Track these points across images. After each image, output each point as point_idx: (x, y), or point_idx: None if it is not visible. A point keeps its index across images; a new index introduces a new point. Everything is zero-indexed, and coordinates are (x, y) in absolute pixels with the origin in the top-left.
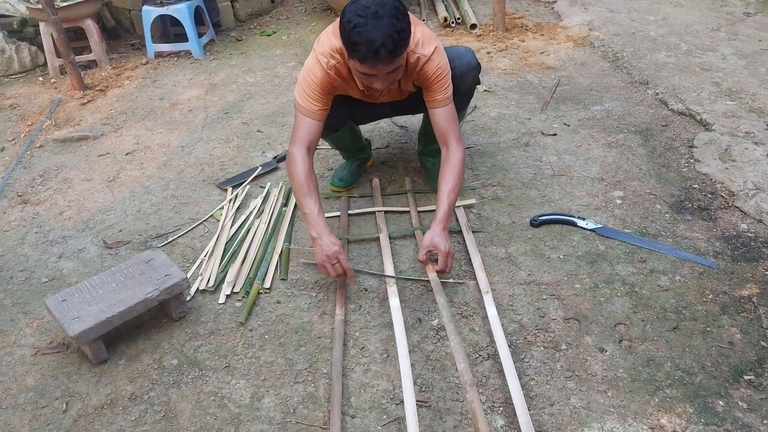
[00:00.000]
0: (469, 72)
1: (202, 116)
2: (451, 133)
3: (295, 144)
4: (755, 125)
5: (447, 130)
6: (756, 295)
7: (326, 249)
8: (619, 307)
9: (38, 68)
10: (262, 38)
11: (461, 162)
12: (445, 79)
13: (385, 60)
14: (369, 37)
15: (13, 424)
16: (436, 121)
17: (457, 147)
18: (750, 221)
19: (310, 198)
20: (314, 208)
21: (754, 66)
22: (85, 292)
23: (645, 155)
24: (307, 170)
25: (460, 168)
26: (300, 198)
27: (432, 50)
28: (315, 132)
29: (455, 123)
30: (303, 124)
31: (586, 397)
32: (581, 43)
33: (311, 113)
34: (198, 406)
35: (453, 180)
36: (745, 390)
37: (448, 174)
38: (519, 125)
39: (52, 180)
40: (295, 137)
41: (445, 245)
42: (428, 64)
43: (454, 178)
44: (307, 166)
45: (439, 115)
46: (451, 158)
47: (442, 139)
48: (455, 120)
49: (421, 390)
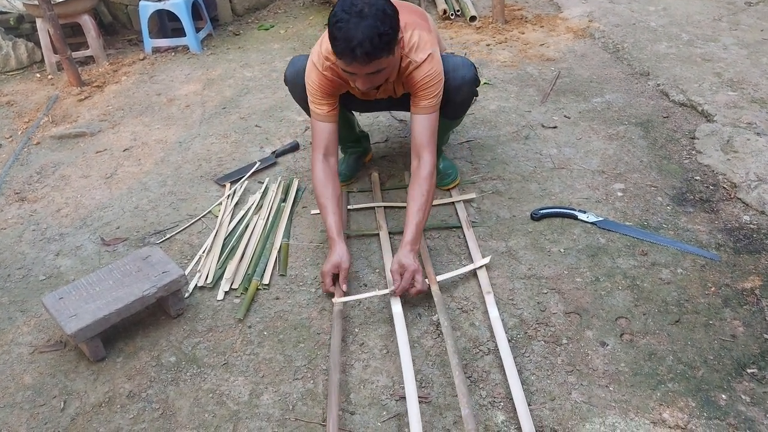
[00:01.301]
0: (462, 86)
1: (200, 112)
2: (426, 145)
3: (314, 152)
4: (757, 116)
5: (422, 140)
6: (759, 288)
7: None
8: (620, 300)
9: (35, 65)
10: (260, 32)
11: (431, 176)
12: (433, 88)
13: (361, 60)
14: (348, 35)
15: (10, 422)
16: (414, 128)
17: (429, 160)
18: (752, 213)
19: (327, 210)
20: (330, 221)
21: (756, 56)
22: (82, 289)
23: (646, 147)
24: (324, 176)
25: (431, 183)
26: (318, 206)
27: (424, 57)
28: (329, 134)
29: (433, 135)
30: (316, 130)
31: (587, 391)
32: (581, 34)
33: (320, 116)
34: (196, 403)
35: (421, 198)
36: (748, 383)
37: (416, 191)
38: (519, 118)
39: (49, 177)
40: (313, 144)
41: (412, 264)
42: (417, 71)
43: (422, 195)
44: (323, 172)
45: (419, 122)
46: (421, 172)
47: (416, 148)
48: (434, 132)
49: (421, 386)
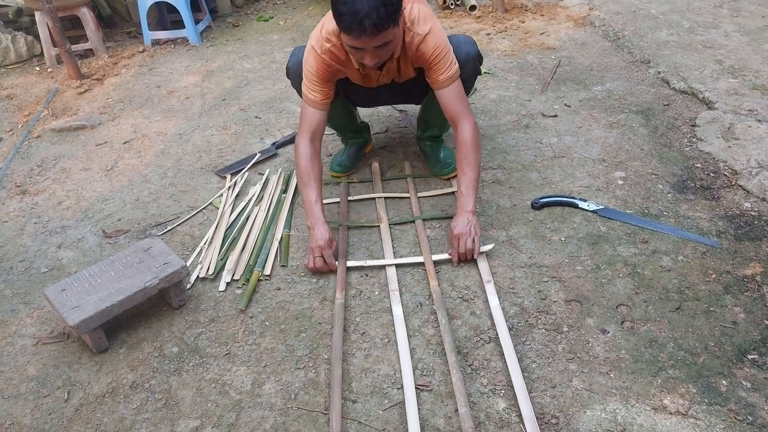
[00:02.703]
0: (467, 62)
1: (200, 103)
2: (459, 113)
3: (300, 134)
4: (759, 102)
5: (454, 111)
6: (760, 274)
7: (314, 241)
8: (621, 288)
9: (35, 58)
10: (259, 24)
11: (473, 138)
12: (446, 59)
13: (370, 32)
14: (354, 9)
15: (15, 413)
16: (443, 104)
17: (467, 124)
18: (753, 200)
19: (309, 188)
20: (312, 198)
21: (757, 42)
22: (84, 281)
23: (647, 135)
24: (309, 160)
25: (473, 144)
26: (300, 188)
27: (427, 29)
28: (317, 121)
29: (462, 100)
30: (305, 114)
31: (588, 378)
32: (581, 22)
33: (312, 102)
34: (199, 393)
35: (464, 161)
36: (749, 369)
37: (461, 157)
38: (519, 107)
39: (50, 170)
40: (300, 127)
41: (464, 230)
42: (424, 44)
43: (464, 158)
44: (309, 155)
45: (444, 96)
46: (460, 138)
47: (452, 120)
48: (462, 97)
49: (423, 374)
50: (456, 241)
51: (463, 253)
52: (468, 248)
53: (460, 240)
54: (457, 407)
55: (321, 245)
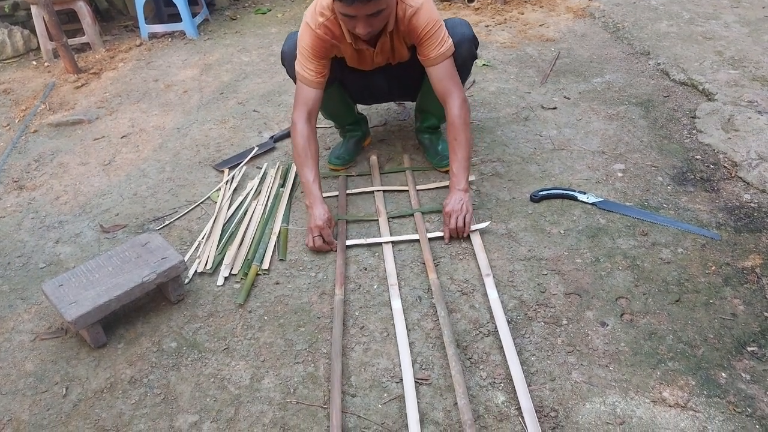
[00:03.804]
0: (463, 43)
1: (197, 97)
2: (448, 90)
3: (296, 113)
4: (759, 94)
5: (444, 87)
6: (759, 266)
7: (312, 221)
8: (620, 280)
9: (31, 52)
10: (257, 16)
11: (462, 115)
12: (437, 34)
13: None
14: None
15: (13, 409)
16: (433, 82)
17: (456, 100)
18: (753, 191)
19: (307, 167)
20: (310, 177)
21: (757, 33)
22: (81, 276)
23: (646, 127)
24: (306, 139)
25: (462, 122)
26: (298, 168)
27: (420, 2)
28: (312, 99)
29: (452, 78)
30: (300, 92)
31: (587, 371)
32: (581, 14)
33: (306, 80)
34: (198, 388)
35: (454, 141)
36: (748, 361)
37: (451, 138)
38: (518, 99)
39: (47, 165)
40: (295, 106)
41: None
42: (416, 18)
43: (456, 138)
44: (306, 134)
45: (435, 74)
46: (450, 116)
47: (442, 98)
48: (452, 76)
49: (422, 368)
50: (447, 218)
51: (454, 229)
52: (459, 225)
53: (451, 217)
54: (456, 400)
55: (320, 225)
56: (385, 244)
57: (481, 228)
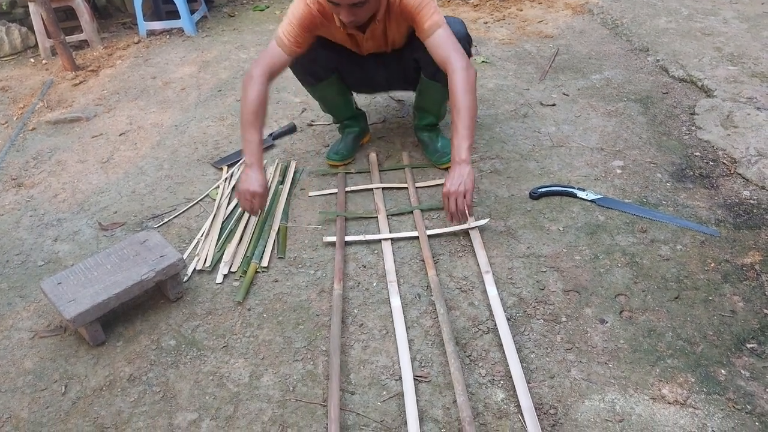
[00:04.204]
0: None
1: (196, 94)
2: (447, 56)
3: (257, 65)
4: (758, 90)
5: (443, 55)
6: (758, 263)
7: (249, 184)
8: (619, 277)
9: (29, 50)
10: (255, 13)
11: (464, 80)
12: (429, 6)
13: None
14: None
15: (12, 407)
16: (432, 52)
17: (457, 65)
18: (752, 188)
19: (254, 128)
20: (254, 138)
21: (756, 30)
22: (80, 274)
23: (645, 123)
24: (260, 98)
25: (465, 88)
26: (244, 125)
27: None
28: (279, 62)
29: (450, 44)
30: (270, 51)
31: (586, 368)
32: (580, 10)
33: (281, 43)
34: (197, 385)
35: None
36: (748, 358)
37: (452, 105)
38: (517, 96)
39: (45, 162)
40: (260, 59)
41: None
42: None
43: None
44: (258, 95)
45: (432, 43)
46: (451, 84)
47: (443, 67)
48: (450, 41)
49: (421, 365)
50: (446, 201)
51: (455, 212)
52: (460, 209)
53: (450, 200)
54: (455, 398)
55: (259, 192)
56: (384, 241)
57: (480, 225)
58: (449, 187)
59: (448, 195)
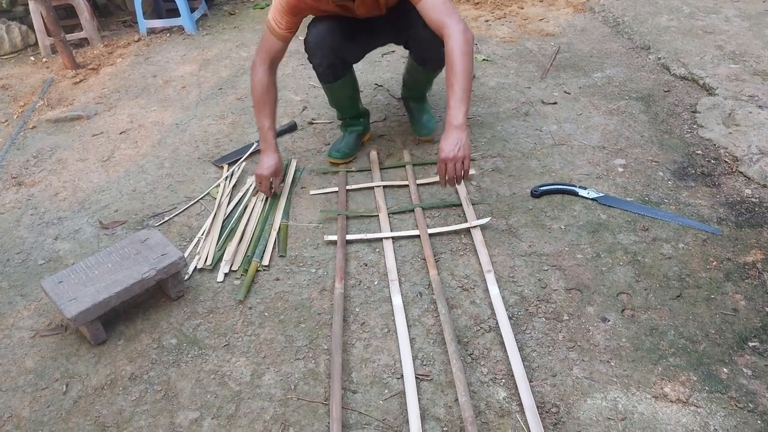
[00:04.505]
0: None
1: (196, 93)
2: (443, 21)
3: (258, 59)
4: (759, 88)
5: (438, 19)
6: (760, 261)
7: (259, 168)
8: (621, 276)
9: (29, 48)
10: (255, 11)
11: (460, 43)
12: None
13: None
14: None
15: (13, 406)
16: (427, 17)
17: (453, 29)
18: (754, 186)
19: (264, 114)
20: (266, 123)
21: (758, 27)
22: (81, 273)
23: (647, 122)
24: (266, 86)
25: (461, 50)
26: (255, 112)
27: None
28: (276, 50)
29: (445, 7)
30: (267, 41)
31: (588, 367)
32: (581, 8)
33: (275, 32)
34: (198, 384)
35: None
36: (750, 357)
37: (448, 69)
38: (518, 94)
39: (46, 161)
40: (259, 53)
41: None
42: None
43: (452, 68)
44: (265, 83)
45: (425, 6)
46: (447, 48)
47: (438, 32)
48: (445, 5)
49: (423, 364)
50: (443, 166)
51: (452, 179)
52: (457, 174)
53: (447, 165)
54: (457, 396)
55: (265, 175)
56: (386, 239)
57: (481, 224)
58: (447, 152)
59: (446, 161)
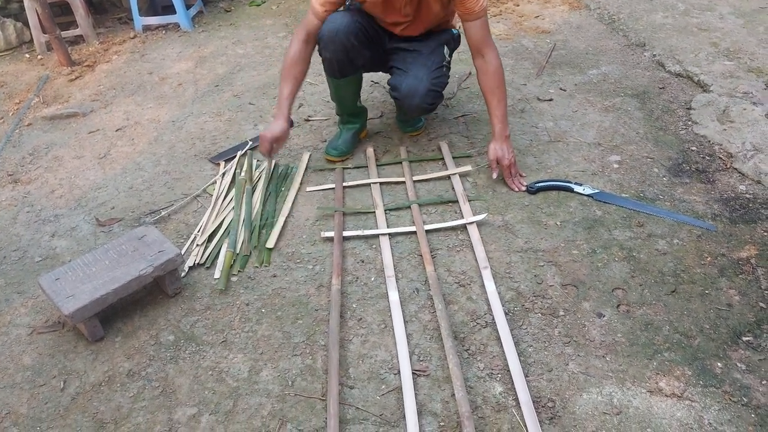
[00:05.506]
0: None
1: (192, 90)
2: (485, 44)
3: (299, 32)
4: (754, 85)
5: (480, 41)
6: (754, 257)
7: (266, 131)
8: (616, 271)
9: (24, 45)
10: (252, 8)
11: (500, 68)
12: None
13: None
14: None
15: (11, 403)
16: (470, 34)
17: (493, 55)
18: (748, 182)
19: (286, 83)
20: (285, 92)
21: (752, 25)
22: (78, 270)
23: (642, 119)
24: (296, 60)
25: (501, 74)
26: (281, 80)
27: None
28: (313, 28)
29: (488, 35)
30: (308, 20)
31: (584, 362)
32: (576, 5)
33: (315, 11)
34: (196, 381)
35: (498, 90)
36: (744, 351)
37: (491, 84)
38: (514, 91)
39: (42, 158)
40: (300, 25)
41: (507, 155)
42: None
43: (498, 87)
44: (297, 56)
45: (473, 27)
46: (489, 68)
47: (477, 49)
48: (488, 32)
49: (419, 359)
50: (506, 171)
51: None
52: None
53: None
54: (453, 392)
55: (267, 137)
56: (382, 236)
57: (478, 220)
58: (509, 158)
59: (510, 166)
